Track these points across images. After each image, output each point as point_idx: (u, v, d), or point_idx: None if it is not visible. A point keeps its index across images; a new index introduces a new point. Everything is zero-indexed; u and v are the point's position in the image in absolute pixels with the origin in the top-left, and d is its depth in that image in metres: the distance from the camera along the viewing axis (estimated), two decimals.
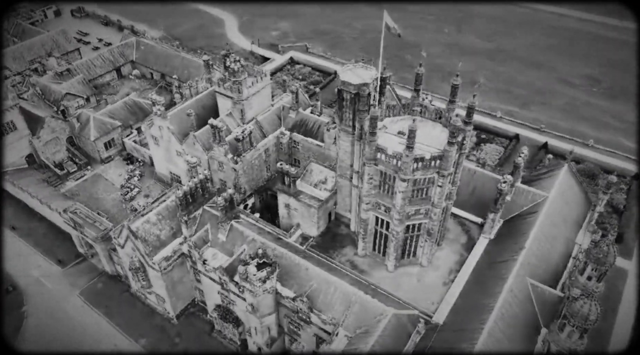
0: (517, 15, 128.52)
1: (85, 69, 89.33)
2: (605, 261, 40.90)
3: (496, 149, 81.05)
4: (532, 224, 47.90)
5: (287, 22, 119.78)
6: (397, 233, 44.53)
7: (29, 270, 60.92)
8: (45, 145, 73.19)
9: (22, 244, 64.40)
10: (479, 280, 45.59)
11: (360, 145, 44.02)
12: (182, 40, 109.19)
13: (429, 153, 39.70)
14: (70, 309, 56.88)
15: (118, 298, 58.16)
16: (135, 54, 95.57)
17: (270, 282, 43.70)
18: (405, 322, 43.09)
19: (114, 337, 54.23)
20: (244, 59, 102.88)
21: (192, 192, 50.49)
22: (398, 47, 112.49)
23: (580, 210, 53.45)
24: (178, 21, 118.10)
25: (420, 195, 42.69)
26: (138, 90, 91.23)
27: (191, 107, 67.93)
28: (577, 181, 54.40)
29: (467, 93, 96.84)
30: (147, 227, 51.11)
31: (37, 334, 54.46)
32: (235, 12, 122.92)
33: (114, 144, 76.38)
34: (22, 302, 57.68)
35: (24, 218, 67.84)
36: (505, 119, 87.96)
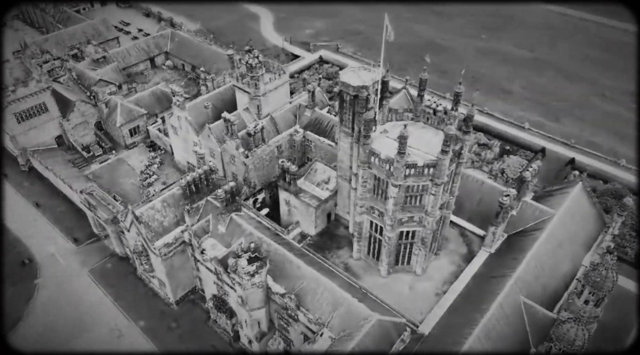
0: (561, 25, 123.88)
1: (121, 57, 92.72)
2: (602, 286, 39.20)
3: (519, 162, 78.43)
4: (533, 242, 46.28)
5: (323, 22, 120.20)
6: (390, 239, 44.06)
7: (46, 246, 64.03)
8: (74, 128, 76.63)
9: (43, 220, 67.77)
10: (472, 293, 44.51)
11: (357, 148, 43.81)
12: (217, 34, 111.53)
13: (423, 160, 39.06)
14: (79, 285, 59.44)
15: (124, 279, 60.29)
16: (170, 45, 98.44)
17: (259, 277, 44.22)
18: (390, 329, 42.60)
19: (115, 316, 56.29)
20: (275, 55, 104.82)
21: (196, 182, 51.73)
22: (431, 50, 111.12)
23: (592, 231, 51.15)
24: (216, 15, 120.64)
25: (413, 202, 42.08)
26: (168, 80, 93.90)
27: (211, 100, 69.56)
28: (590, 200, 52.07)
29: (496, 101, 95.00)
30: (151, 213, 52.75)
31: (45, 306, 57.25)
32: (272, 9, 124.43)
33: (138, 131, 79.05)
34: (36, 275, 60.73)
35: (47, 196, 71.30)
36: (533, 130, 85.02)
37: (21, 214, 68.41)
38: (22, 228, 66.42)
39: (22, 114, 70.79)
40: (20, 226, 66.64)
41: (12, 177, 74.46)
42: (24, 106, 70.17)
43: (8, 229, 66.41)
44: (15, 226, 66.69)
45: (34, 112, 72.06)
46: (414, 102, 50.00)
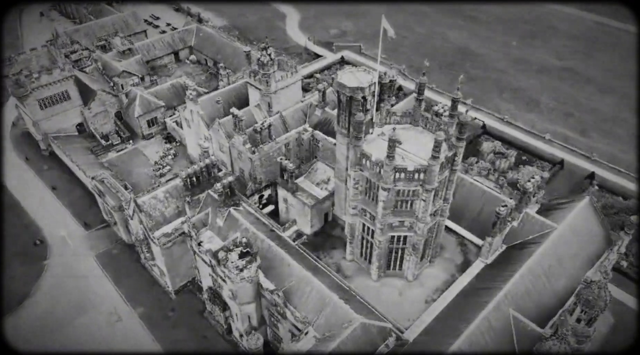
0: (598, 35, 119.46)
1: (146, 50, 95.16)
2: (594, 304, 37.79)
3: (535, 172, 76.18)
4: (530, 255, 45.02)
5: (349, 22, 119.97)
6: (380, 242, 43.72)
7: (58, 228, 66.34)
8: (95, 117, 79.09)
9: (58, 204, 70.23)
10: (461, 303, 43.68)
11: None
12: (243, 30, 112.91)
13: (413, 165, 38.58)
14: (85, 269, 61.35)
15: (128, 266, 61.82)
16: (194, 40, 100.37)
17: (248, 272, 44.58)
18: (374, 334, 42.26)
19: (115, 301, 57.82)
20: (297, 54, 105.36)
21: (197, 175, 52.59)
22: (460, 56, 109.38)
23: (596, 248, 49.33)
24: (244, 12, 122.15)
25: (404, 207, 41.62)
26: (190, 74, 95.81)
27: (225, 95, 70.77)
28: (597, 216, 50.23)
29: (521, 110, 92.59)
30: (153, 202, 53.98)
31: (51, 286, 59.38)
32: (300, 8, 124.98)
33: (156, 122, 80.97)
34: (46, 256, 63.02)
35: (64, 180, 73.81)
36: (555, 142, 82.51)
37: (38, 197, 71.13)
38: (37, 210, 69.07)
39: (45, 100, 73.48)
40: (36, 208, 69.32)
41: (34, 160, 77.50)
42: (47, 93, 72.82)
43: (24, 210, 69.17)
44: (31, 208, 69.41)
45: (57, 100, 74.68)
46: (420, 106, 49.16)
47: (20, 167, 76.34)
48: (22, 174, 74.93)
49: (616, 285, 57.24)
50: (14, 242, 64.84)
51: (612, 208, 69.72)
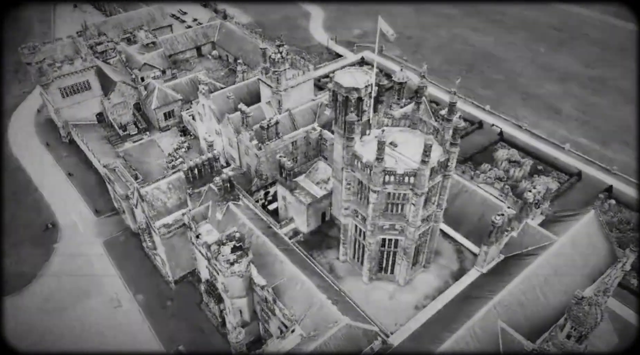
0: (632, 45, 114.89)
1: (169, 44, 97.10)
2: (584, 322, 36.57)
3: (549, 183, 74.17)
4: (525, 267, 43.85)
5: (372, 22, 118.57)
6: (370, 244, 43.42)
7: (70, 213, 68.56)
8: (114, 107, 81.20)
9: (72, 190, 72.53)
10: (451, 311, 42.95)
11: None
12: (266, 28, 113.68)
13: (403, 168, 38.16)
14: (91, 254, 63.16)
15: (132, 254, 63.32)
16: (217, 35, 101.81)
17: (238, 266, 45.01)
18: (359, 336, 42.00)
19: (117, 287, 59.33)
20: (318, 53, 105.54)
21: (199, 168, 53.37)
22: (482, 60, 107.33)
23: (600, 264, 47.61)
24: (269, 10, 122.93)
25: (395, 210, 41.21)
26: (210, 69, 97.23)
27: (238, 91, 71.51)
28: (602, 230, 48.48)
29: (541, 118, 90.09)
30: (156, 193, 55.10)
31: (58, 269, 61.42)
32: (325, 7, 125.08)
33: (173, 115, 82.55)
34: (56, 239, 65.20)
35: (81, 167, 76.13)
36: (574, 152, 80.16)
37: (54, 182, 73.63)
38: (52, 194, 71.51)
39: (67, 89, 75.90)
40: (51, 192, 71.77)
41: (54, 147, 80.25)
42: (69, 82, 75.20)
43: (40, 193, 71.74)
44: (47, 192, 71.92)
45: (78, 89, 77.05)
46: (433, 112, 48.38)
47: (40, 152, 79.16)
48: (41, 159, 77.67)
49: (624, 304, 55.51)
50: (28, 224, 67.33)
51: (629, 224, 67.30)
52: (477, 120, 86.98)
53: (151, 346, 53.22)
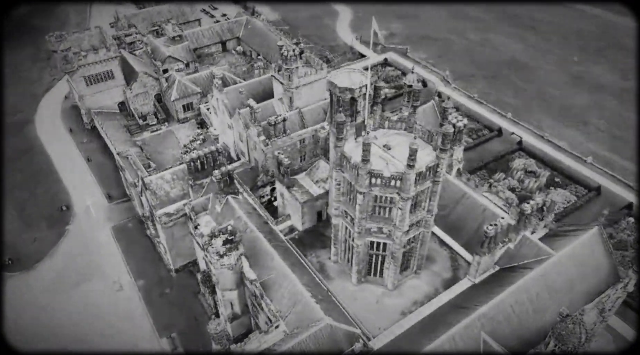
0: None
1: (194, 37, 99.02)
2: (567, 340, 35.38)
3: (566, 196, 71.70)
4: (516, 280, 42.61)
5: (400, 24, 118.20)
6: (358, 246, 43.17)
7: (84, 197, 71.09)
8: (136, 97, 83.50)
9: (89, 175, 75.18)
10: (436, 319, 42.19)
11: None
12: (293, 25, 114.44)
13: (389, 171, 37.74)
14: (100, 238, 65.33)
15: (138, 240, 65.10)
16: (243, 31, 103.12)
17: (228, 259, 45.56)
18: (340, 337, 41.75)
19: (120, 271, 61.14)
20: (342, 53, 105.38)
21: (201, 160, 54.29)
22: (510, 67, 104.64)
23: (600, 282, 45.75)
24: (298, 8, 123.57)
25: (382, 214, 40.79)
26: (234, 64, 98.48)
27: (252, 87, 72.31)
28: (605, 248, 46.52)
29: (566, 129, 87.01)
30: (160, 182, 56.43)
31: (67, 250, 63.85)
32: (354, 7, 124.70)
33: (191, 107, 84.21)
34: (69, 221, 67.77)
35: (99, 153, 78.76)
36: (596, 166, 77.11)
37: (73, 166, 76.51)
38: (70, 178, 74.34)
39: (91, 77, 78.62)
40: (69, 176, 74.63)
41: (76, 132, 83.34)
42: (93, 71, 77.88)
43: (59, 177, 74.69)
44: (65, 175, 74.82)
45: (102, 78, 79.67)
46: (442, 116, 47.52)
47: (63, 137, 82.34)
48: (64, 144, 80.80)
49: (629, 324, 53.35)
50: (45, 205, 70.23)
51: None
52: (496, 128, 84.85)
53: (146, 331, 54.62)
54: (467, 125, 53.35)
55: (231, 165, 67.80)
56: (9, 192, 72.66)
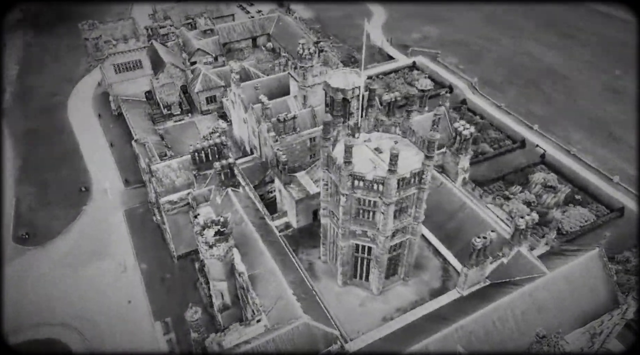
0: None
1: (226, 32, 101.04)
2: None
3: (584, 215, 68.58)
4: (504, 296, 41.31)
5: (433, 27, 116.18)
6: (342, 248, 43.04)
7: (103, 180, 74.07)
8: (162, 87, 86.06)
9: (110, 159, 78.33)
10: (414, 328, 41.53)
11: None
12: (325, 24, 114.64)
13: (371, 175, 37.41)
14: (112, 220, 67.92)
15: (147, 225, 67.22)
16: (273, 28, 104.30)
17: (217, 250, 46.35)
18: (317, 337, 41.74)
19: (127, 255, 63.34)
20: (370, 54, 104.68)
21: (205, 152, 55.49)
22: (544, 76, 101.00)
23: (597, 307, 43.64)
24: (332, 7, 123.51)
25: (366, 217, 40.49)
26: (261, 60, 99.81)
27: (269, 83, 73.15)
28: (605, 271, 44.32)
29: (596, 144, 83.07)
30: (166, 170, 58.10)
31: (80, 230, 66.75)
32: (389, 8, 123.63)
33: (214, 100, 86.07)
34: (86, 202, 70.81)
35: (123, 139, 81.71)
36: (622, 186, 73.49)
37: (97, 150, 79.88)
38: (93, 161, 77.70)
39: (120, 66, 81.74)
40: (92, 159, 78.01)
41: (104, 118, 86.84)
42: (122, 60, 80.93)
43: (83, 159, 78.14)
44: (88, 158, 78.27)
45: (130, 67, 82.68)
46: (450, 123, 46.59)
47: (92, 121, 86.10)
48: (91, 128, 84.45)
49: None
50: (67, 185, 73.65)
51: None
52: (520, 139, 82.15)
53: (142, 313, 56.44)
54: (473, 133, 52.31)
55: (244, 159, 69.05)
56: (37, 169, 76.69)
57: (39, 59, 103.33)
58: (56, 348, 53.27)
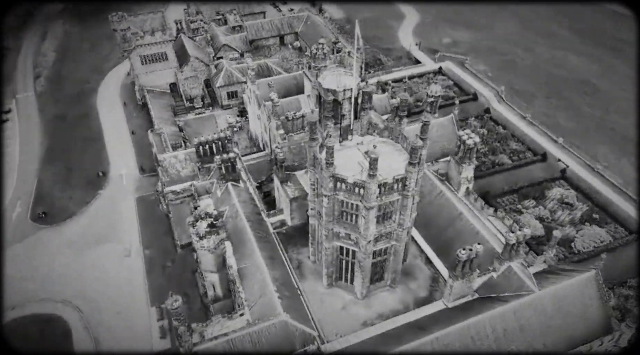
0: None
1: (254, 29, 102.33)
2: None
3: (600, 236, 65.52)
4: (487, 311, 40.19)
5: (466, 33, 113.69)
6: (326, 249, 42.95)
7: (120, 167, 76.76)
8: (186, 80, 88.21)
9: (129, 147, 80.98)
10: (391, 336, 40.96)
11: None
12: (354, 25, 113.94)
13: (352, 178, 37.16)
14: (124, 206, 70.28)
15: (156, 213, 69.05)
16: (301, 27, 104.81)
17: (207, 242, 47.27)
18: (295, 336, 41.88)
19: (133, 239, 65.41)
20: (397, 57, 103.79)
21: (209, 145, 56.56)
22: (577, 88, 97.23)
23: (588, 331, 41.80)
24: (364, 8, 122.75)
25: (349, 219, 40.26)
26: (287, 59, 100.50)
27: (285, 81, 73.77)
28: (600, 295, 42.31)
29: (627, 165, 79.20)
30: (173, 161, 59.59)
31: (94, 213, 69.44)
32: (421, 11, 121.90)
33: (235, 95, 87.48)
34: (103, 186, 73.55)
35: (143, 128, 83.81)
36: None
37: (119, 137, 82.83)
38: (113, 147, 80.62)
39: (146, 57, 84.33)
40: (113, 145, 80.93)
41: (129, 107, 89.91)
42: (148, 52, 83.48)
43: (104, 145, 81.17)
44: (110, 144, 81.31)
45: (156, 59, 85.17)
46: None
47: (117, 109, 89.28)
48: (116, 116, 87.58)
49: None
50: (87, 168, 76.74)
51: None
52: (541, 152, 79.33)
53: (140, 297, 58.15)
54: (478, 143, 50.96)
55: (254, 155, 69.85)
56: (61, 152, 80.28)
57: (76, 47, 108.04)
58: (56, 324, 55.57)
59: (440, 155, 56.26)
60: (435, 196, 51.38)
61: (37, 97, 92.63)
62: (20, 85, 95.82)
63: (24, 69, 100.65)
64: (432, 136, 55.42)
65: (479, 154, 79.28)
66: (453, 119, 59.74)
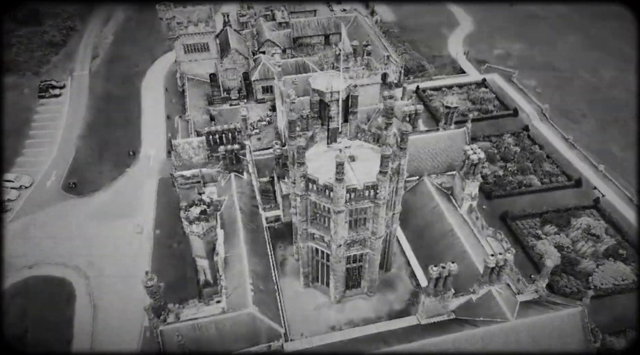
0: None
1: (300, 27, 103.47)
2: None
3: (622, 273, 60.69)
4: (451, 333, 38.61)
5: (521, 45, 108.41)
6: (301, 248, 43.01)
7: (150, 148, 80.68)
8: (225, 71, 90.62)
9: (162, 130, 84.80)
10: (354, 344, 40.37)
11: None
12: (405, 29, 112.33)
13: (322, 180, 36.93)
14: (146, 186, 73.79)
15: (173, 195, 71.45)
16: (347, 28, 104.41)
17: (196, 227, 48.69)
18: (261, 330, 42.29)
19: (147, 218, 68.60)
20: (442, 65, 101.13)
21: (219, 135, 58.08)
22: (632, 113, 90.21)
23: None
24: (419, 13, 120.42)
25: (322, 222, 40.09)
26: (327, 57, 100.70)
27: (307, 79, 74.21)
28: (585, 333, 39.28)
29: None
30: (186, 147, 61.59)
31: (118, 189, 73.53)
32: (477, 20, 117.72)
33: (270, 90, 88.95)
34: (130, 165, 77.61)
35: (179, 113, 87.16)
36: None
37: (155, 120, 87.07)
38: (148, 129, 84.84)
39: (189, 46, 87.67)
40: (148, 127, 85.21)
41: (170, 92, 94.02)
42: (191, 41, 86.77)
43: (140, 125, 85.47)
44: (146, 126, 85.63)
45: (198, 48, 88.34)
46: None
47: (158, 94, 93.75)
48: (156, 99, 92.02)
49: None
50: (120, 146, 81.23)
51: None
52: (576, 177, 74.42)
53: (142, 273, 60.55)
54: (482, 159, 48.86)
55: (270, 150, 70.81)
56: (102, 129, 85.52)
57: (133, 32, 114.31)
58: (64, 289, 59.56)
59: (447, 168, 54.38)
60: (431, 209, 49.84)
61: (90, 76, 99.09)
62: (78, 64, 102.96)
63: (85, 49, 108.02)
64: (437, 148, 54.07)
65: (507, 172, 75.88)
66: (465, 132, 57.42)
